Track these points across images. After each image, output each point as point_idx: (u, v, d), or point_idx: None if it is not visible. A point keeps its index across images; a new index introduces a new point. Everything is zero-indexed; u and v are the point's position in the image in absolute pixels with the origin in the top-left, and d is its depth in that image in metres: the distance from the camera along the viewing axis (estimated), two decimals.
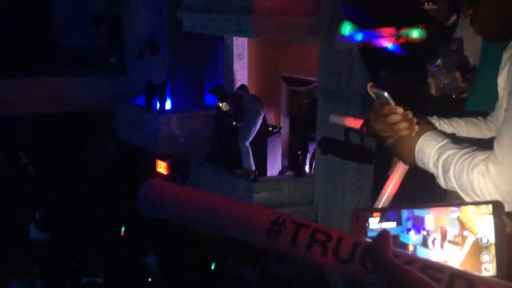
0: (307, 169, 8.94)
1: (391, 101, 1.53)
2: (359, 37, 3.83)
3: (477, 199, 1.34)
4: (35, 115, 12.56)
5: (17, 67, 12.10)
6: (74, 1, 13.64)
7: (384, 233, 0.79)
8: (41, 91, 12.16)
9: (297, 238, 0.90)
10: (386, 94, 1.53)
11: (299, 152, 9.07)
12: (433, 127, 1.53)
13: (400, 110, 1.52)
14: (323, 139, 7.91)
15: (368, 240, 0.83)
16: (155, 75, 11.12)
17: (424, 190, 1.57)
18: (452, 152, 1.39)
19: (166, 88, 11.49)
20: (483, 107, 1.42)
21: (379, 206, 2.15)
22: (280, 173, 9.28)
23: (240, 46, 10.31)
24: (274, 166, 9.19)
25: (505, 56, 1.37)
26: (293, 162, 9.52)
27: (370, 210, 0.90)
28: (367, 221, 0.89)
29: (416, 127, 1.51)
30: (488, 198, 1.28)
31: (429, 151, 1.45)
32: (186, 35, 9.87)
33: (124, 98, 12.01)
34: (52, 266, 8.80)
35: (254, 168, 8.67)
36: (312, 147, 8.70)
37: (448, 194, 1.74)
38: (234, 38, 10.02)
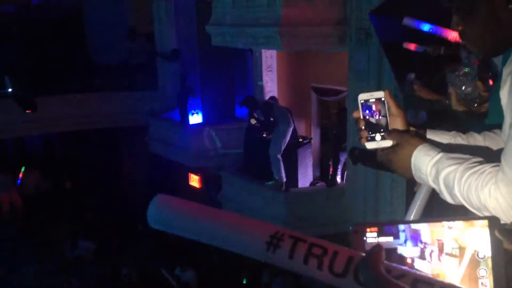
0: (338, 179, 8.88)
1: (359, 107, 1.45)
2: (426, 27, 3.75)
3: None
4: (70, 132, 12.83)
5: (52, 85, 12.39)
6: (104, 19, 13.93)
7: (376, 248, 0.79)
8: (75, 109, 12.42)
9: (294, 252, 0.91)
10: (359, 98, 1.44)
11: (330, 163, 9.01)
12: (423, 140, 1.43)
13: (356, 114, 1.44)
14: (353, 149, 7.83)
15: (362, 254, 0.83)
16: (171, 84, 11.43)
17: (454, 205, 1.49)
18: (452, 168, 1.32)
19: (198, 102, 11.61)
20: (501, 120, 1.35)
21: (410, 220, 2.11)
22: (312, 184, 9.23)
23: (269, 58, 10.36)
24: (305, 177, 9.15)
25: (505, 71, 1.28)
26: (324, 172, 9.46)
27: (367, 224, 0.89)
28: (364, 235, 0.88)
29: (395, 138, 1.42)
30: (505, 218, 1.23)
31: (425, 168, 1.37)
32: (215, 49, 9.96)
33: (156, 113, 12.18)
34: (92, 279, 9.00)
35: (285, 179, 8.65)
36: (343, 157, 8.63)
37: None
38: (263, 50, 10.07)
